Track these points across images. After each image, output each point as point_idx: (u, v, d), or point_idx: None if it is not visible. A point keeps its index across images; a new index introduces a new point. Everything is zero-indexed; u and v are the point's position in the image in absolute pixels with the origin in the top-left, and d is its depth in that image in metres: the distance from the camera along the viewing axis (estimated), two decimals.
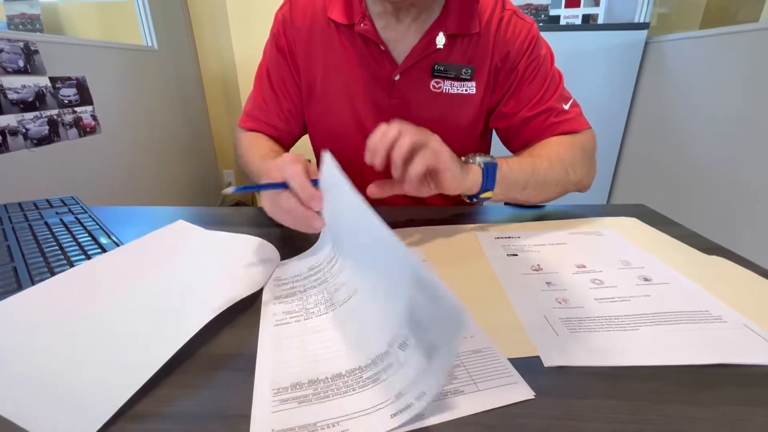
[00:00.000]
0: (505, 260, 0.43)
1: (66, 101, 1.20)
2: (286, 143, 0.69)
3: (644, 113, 1.61)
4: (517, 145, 0.65)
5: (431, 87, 0.61)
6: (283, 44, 0.63)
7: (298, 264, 0.43)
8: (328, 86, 0.62)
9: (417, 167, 0.41)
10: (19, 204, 0.61)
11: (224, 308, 0.32)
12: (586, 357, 0.29)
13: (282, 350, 0.30)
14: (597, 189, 1.81)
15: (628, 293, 0.36)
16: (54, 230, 0.50)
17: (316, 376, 0.27)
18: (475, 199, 0.51)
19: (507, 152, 0.68)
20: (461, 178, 0.46)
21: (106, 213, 0.59)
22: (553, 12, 1.91)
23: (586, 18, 1.90)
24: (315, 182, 0.39)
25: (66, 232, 0.50)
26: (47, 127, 1.13)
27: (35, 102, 1.10)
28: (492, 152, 0.70)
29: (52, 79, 1.15)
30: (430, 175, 0.44)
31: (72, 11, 2.03)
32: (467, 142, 0.66)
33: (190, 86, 1.98)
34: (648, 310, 0.34)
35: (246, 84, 1.84)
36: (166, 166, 1.77)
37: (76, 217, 0.55)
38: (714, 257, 0.43)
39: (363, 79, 0.61)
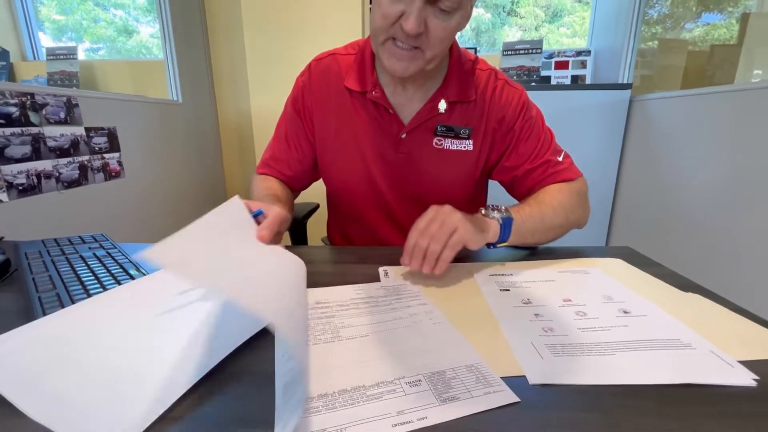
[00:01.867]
0: (498, 295, 0.47)
1: (97, 148, 1.31)
2: (295, 187, 0.79)
3: (633, 164, 1.70)
4: (520, 192, 0.73)
5: (434, 144, 0.69)
6: (300, 107, 0.72)
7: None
8: (341, 142, 0.71)
9: (447, 258, 0.49)
10: (55, 240, 0.66)
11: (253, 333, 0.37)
12: (567, 377, 0.32)
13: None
14: (596, 233, 1.85)
15: (608, 324, 0.40)
16: (89, 262, 0.55)
17: (325, 390, 0.30)
18: (492, 247, 0.58)
19: (506, 196, 0.75)
20: (482, 240, 0.54)
21: (133, 248, 0.65)
22: (544, 73, 2.08)
23: (575, 78, 2.07)
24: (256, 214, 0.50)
25: (99, 264, 0.55)
26: (78, 171, 1.23)
27: (70, 149, 1.20)
28: (491, 196, 0.77)
29: (87, 129, 1.27)
30: None
31: (107, 68, 2.24)
32: (465, 189, 0.73)
33: (207, 135, 2.13)
34: (625, 338, 0.38)
35: (260, 133, 1.98)
36: (180, 208, 1.85)
37: (108, 252, 0.60)
38: (690, 294, 0.47)
39: (373, 137, 0.69)
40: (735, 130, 1.18)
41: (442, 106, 0.66)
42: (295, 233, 0.88)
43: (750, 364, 0.34)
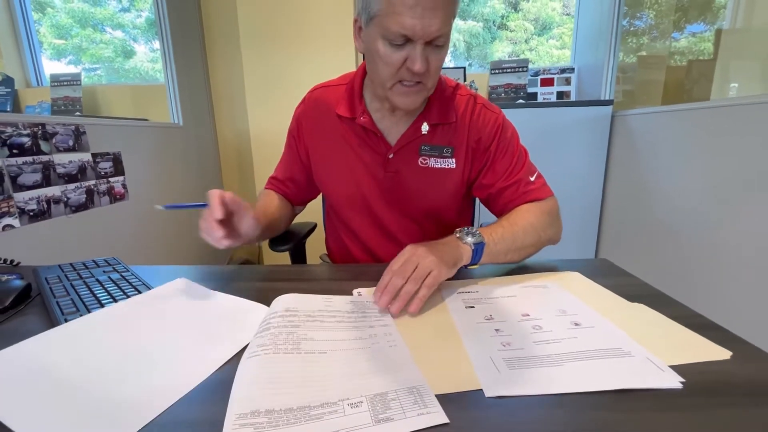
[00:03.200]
0: (463, 312, 0.52)
1: (103, 173, 1.37)
2: (294, 202, 0.90)
3: (618, 176, 1.77)
4: (495, 209, 0.80)
5: (419, 163, 0.76)
6: (296, 133, 0.83)
7: (277, 303, 0.52)
8: (334, 162, 0.79)
9: (423, 296, 0.52)
10: (71, 264, 0.72)
11: (216, 368, 0.41)
12: (520, 388, 0.37)
13: (250, 382, 0.37)
14: (585, 245, 1.92)
15: (560, 336, 0.46)
16: (106, 286, 0.61)
17: (272, 407, 0.34)
18: (465, 268, 0.63)
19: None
20: (453, 272, 0.58)
21: (144, 271, 0.70)
22: (530, 90, 2.17)
23: (560, 94, 2.16)
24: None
25: (115, 287, 0.61)
26: (85, 196, 1.29)
27: (78, 174, 1.26)
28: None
29: (94, 155, 1.33)
30: None
31: (109, 93, 2.32)
32: (452, 204, 0.81)
33: (207, 156, 2.20)
34: (574, 349, 0.43)
35: (258, 154, 2.05)
36: (182, 228, 1.91)
37: (122, 275, 0.66)
38: (636, 304, 0.53)
39: (363, 158, 0.77)
40: (709, 144, 1.25)
41: (425, 128, 0.74)
42: (295, 252, 0.94)
43: (680, 368, 0.40)
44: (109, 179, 1.40)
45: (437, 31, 0.59)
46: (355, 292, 0.60)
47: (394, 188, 0.78)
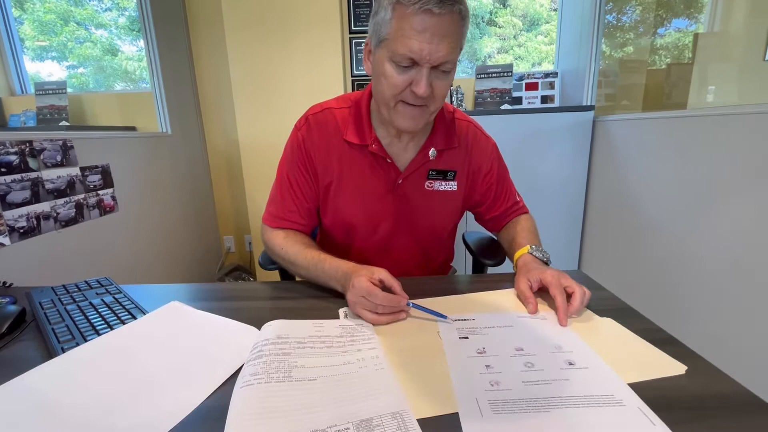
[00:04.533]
0: (456, 343, 0.52)
1: (92, 186, 1.37)
2: (307, 233, 0.84)
3: (599, 182, 1.82)
4: (484, 221, 0.91)
5: (425, 186, 0.81)
6: (304, 158, 0.78)
7: (268, 329, 0.55)
8: (343, 187, 0.79)
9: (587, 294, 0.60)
10: (64, 286, 0.73)
11: (209, 394, 0.43)
12: None
13: (243, 412, 0.39)
14: (569, 251, 1.97)
15: (551, 376, 0.45)
16: (100, 310, 0.63)
17: None
18: None
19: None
20: None
21: (136, 291, 0.72)
22: (515, 94, 2.21)
23: (545, 99, 2.20)
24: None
25: (110, 311, 0.62)
26: (74, 210, 1.29)
27: (66, 189, 1.27)
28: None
29: (82, 168, 1.33)
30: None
31: (95, 101, 2.31)
32: (449, 222, 0.87)
33: (196, 163, 2.20)
34: (564, 393, 0.42)
35: (248, 158, 2.05)
36: (173, 236, 1.91)
37: (115, 298, 0.68)
38: (604, 318, 0.57)
39: (373, 182, 0.79)
40: (685, 152, 1.30)
41: (432, 153, 0.78)
42: (284, 270, 0.95)
43: (638, 385, 0.43)
44: (98, 192, 1.40)
45: (444, 57, 0.61)
46: (341, 312, 0.63)
47: (402, 210, 0.81)
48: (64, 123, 2.15)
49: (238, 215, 2.41)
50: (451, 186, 0.81)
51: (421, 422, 0.39)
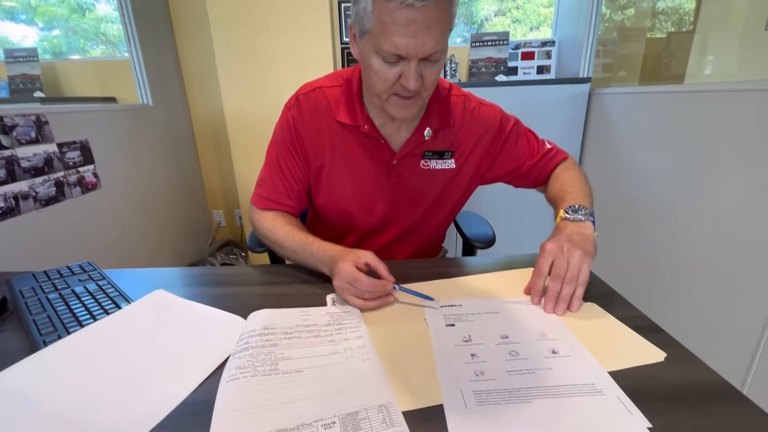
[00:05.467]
0: (443, 330, 0.53)
1: (71, 163, 1.32)
2: (295, 215, 0.83)
3: (592, 157, 1.81)
4: (524, 183, 0.86)
5: (421, 165, 0.78)
6: (294, 139, 0.75)
7: (254, 320, 0.55)
8: (335, 169, 0.77)
9: (580, 295, 0.57)
10: (45, 273, 0.72)
11: (195, 387, 0.43)
12: (485, 430, 0.37)
13: (229, 408, 0.39)
14: None
15: (535, 366, 0.45)
16: (82, 298, 0.62)
17: None
18: None
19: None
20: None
21: (121, 276, 0.71)
22: (511, 64, 2.14)
23: (541, 69, 2.14)
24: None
25: (93, 300, 0.61)
26: (54, 189, 1.25)
27: (44, 167, 1.22)
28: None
29: (60, 145, 1.28)
30: None
31: (70, 69, 2.18)
32: (448, 201, 0.84)
33: (181, 136, 2.13)
34: (546, 383, 0.43)
35: (235, 131, 1.98)
36: (160, 211, 1.88)
37: (98, 285, 0.67)
38: (587, 303, 0.58)
39: (366, 164, 0.77)
40: (680, 128, 1.28)
41: (428, 133, 0.75)
42: (273, 252, 0.94)
43: (618, 373, 0.44)
44: (79, 169, 1.36)
45: (432, 49, 0.58)
46: (328, 299, 0.62)
47: (397, 192, 0.79)
48: (39, 94, 2.04)
49: (227, 189, 2.37)
50: (449, 164, 0.79)
51: (407, 414, 0.40)
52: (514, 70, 2.15)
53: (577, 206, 0.66)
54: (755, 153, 1.02)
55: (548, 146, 0.83)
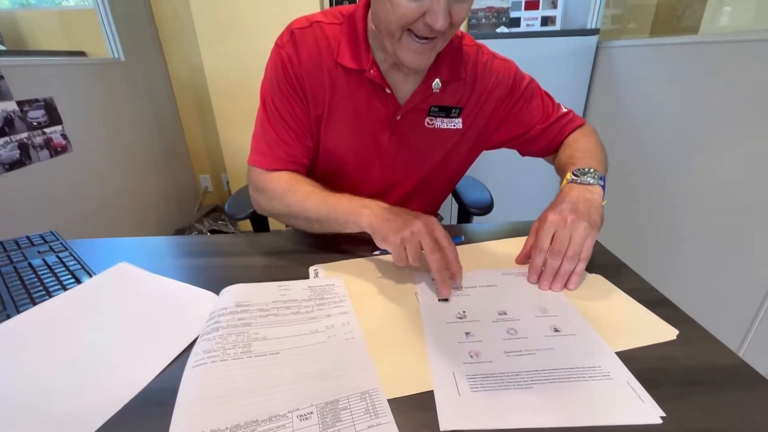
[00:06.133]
0: (435, 306, 0.48)
1: (35, 123, 1.22)
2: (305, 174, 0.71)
3: (596, 115, 1.72)
4: (533, 149, 0.77)
5: (425, 123, 0.69)
6: (292, 81, 0.64)
7: (227, 296, 0.49)
8: (333, 122, 0.67)
9: (581, 271, 0.51)
10: (1, 243, 0.66)
11: (158, 372, 0.39)
12: (480, 420, 0.33)
13: (193, 397, 0.35)
14: None
15: (535, 345, 0.41)
16: (39, 273, 0.56)
17: (217, 425, 0.33)
18: None
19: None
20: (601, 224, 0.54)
21: (86, 248, 0.65)
22: (513, 14, 1.98)
23: (545, 20, 1.98)
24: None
25: (50, 273, 0.56)
26: (18, 151, 1.16)
27: (4, 127, 1.12)
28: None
29: (20, 103, 1.17)
30: None
31: (32, 20, 1.99)
32: (452, 163, 0.76)
33: (160, 95, 1.99)
34: (548, 365, 0.38)
35: (217, 90, 1.86)
36: (141, 177, 1.79)
37: (58, 257, 0.61)
38: (593, 275, 0.53)
39: (367, 118, 0.67)
40: (694, 82, 1.20)
41: (437, 85, 0.65)
42: (256, 219, 0.88)
43: (627, 353, 0.40)
44: (44, 130, 1.25)
45: None
46: (311, 270, 0.57)
47: (399, 152, 0.71)
48: None
49: (213, 153, 2.26)
50: (455, 124, 0.70)
51: (393, 402, 0.36)
52: (516, 22, 2.00)
53: (586, 168, 0.60)
54: None
55: (564, 110, 0.74)
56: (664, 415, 0.33)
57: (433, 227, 0.52)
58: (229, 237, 0.71)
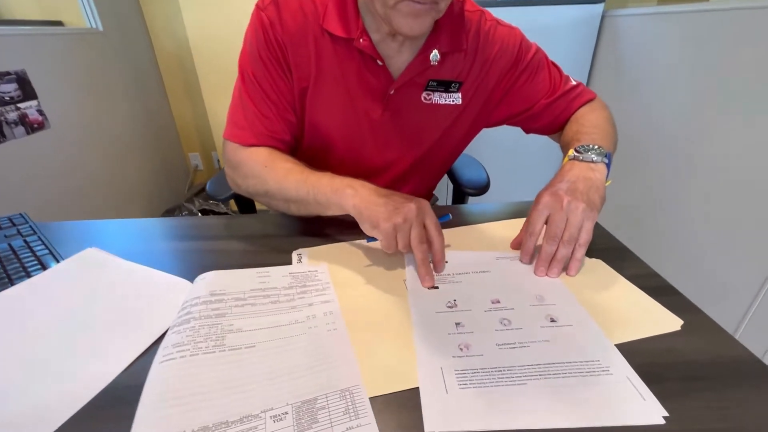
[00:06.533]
0: (423, 294, 0.45)
1: (7, 98, 1.15)
2: (288, 152, 0.66)
3: (601, 89, 1.65)
4: (538, 126, 0.71)
5: (422, 98, 0.64)
6: (274, 49, 0.58)
7: (201, 284, 0.46)
8: (319, 93, 0.62)
9: (581, 257, 0.48)
10: None
11: (123, 368, 0.36)
12: (467, 421, 0.31)
13: (159, 397, 0.33)
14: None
15: (530, 338, 0.38)
16: (2, 257, 0.52)
17: (183, 428, 0.30)
18: None
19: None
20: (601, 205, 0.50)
21: (57, 231, 0.61)
22: None
23: None
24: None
25: (15, 260, 0.52)
26: None
27: None
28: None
29: None
30: None
31: None
32: (449, 142, 0.71)
33: (144, 69, 1.89)
34: (543, 359, 0.36)
35: (203, 64, 1.77)
36: (128, 155, 1.73)
37: (25, 241, 0.57)
38: (593, 260, 0.50)
39: (357, 92, 0.62)
40: (708, 52, 1.13)
41: (435, 57, 0.59)
42: (240, 200, 0.84)
43: (627, 345, 0.38)
44: (18, 105, 1.19)
45: None
46: (294, 254, 0.54)
47: (392, 128, 0.65)
48: None
49: (202, 129, 2.19)
50: (454, 99, 0.65)
51: (376, 401, 0.33)
52: None
53: (590, 145, 0.55)
54: None
55: (573, 83, 0.68)
56: (667, 414, 0.31)
57: (425, 213, 0.48)
58: (208, 219, 0.67)
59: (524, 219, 0.53)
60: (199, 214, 1.92)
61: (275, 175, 0.57)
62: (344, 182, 0.52)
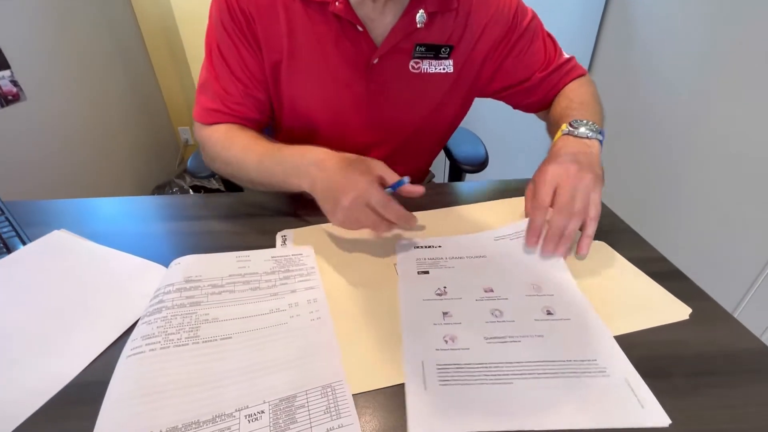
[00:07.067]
0: (413, 280, 0.42)
1: None
2: (258, 131, 0.61)
3: (605, 62, 1.58)
4: (531, 101, 0.66)
5: (410, 68, 0.58)
6: (241, 21, 0.53)
7: (176, 269, 0.43)
8: (295, 68, 0.56)
9: (592, 233, 0.44)
10: None
11: (88, 362, 0.34)
12: (444, 423, 0.28)
13: (126, 394, 0.30)
14: None
15: (522, 331, 0.35)
16: None
17: (150, 428, 0.28)
18: None
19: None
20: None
21: (25, 210, 0.57)
22: None
23: None
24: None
25: None
26: None
27: None
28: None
29: None
30: None
31: None
32: (441, 118, 0.66)
33: (127, 37, 1.79)
34: (534, 356, 0.33)
35: (189, 35, 1.67)
36: (112, 129, 1.66)
37: None
38: (597, 242, 0.46)
39: (337, 63, 0.56)
40: (721, 20, 1.07)
41: (421, 18, 0.54)
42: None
43: (631, 336, 0.35)
44: None
45: None
46: (279, 236, 0.50)
47: (378, 103, 0.60)
48: None
49: (191, 103, 2.10)
50: (445, 67, 0.59)
51: (360, 398, 0.31)
52: None
53: (584, 120, 0.51)
54: None
55: (566, 56, 0.64)
56: (670, 422, 0.28)
57: (369, 195, 0.43)
58: (189, 198, 0.63)
59: (522, 198, 0.49)
60: (191, 191, 1.87)
61: (234, 153, 0.54)
62: (307, 158, 0.48)
